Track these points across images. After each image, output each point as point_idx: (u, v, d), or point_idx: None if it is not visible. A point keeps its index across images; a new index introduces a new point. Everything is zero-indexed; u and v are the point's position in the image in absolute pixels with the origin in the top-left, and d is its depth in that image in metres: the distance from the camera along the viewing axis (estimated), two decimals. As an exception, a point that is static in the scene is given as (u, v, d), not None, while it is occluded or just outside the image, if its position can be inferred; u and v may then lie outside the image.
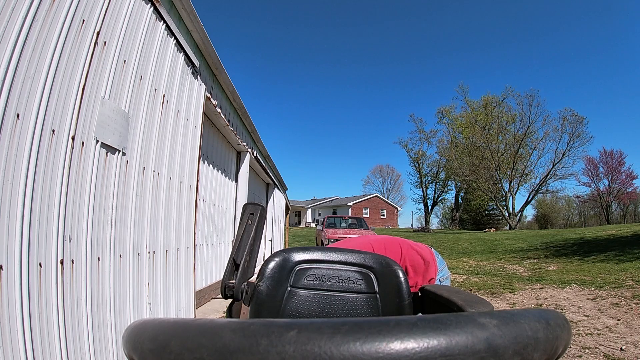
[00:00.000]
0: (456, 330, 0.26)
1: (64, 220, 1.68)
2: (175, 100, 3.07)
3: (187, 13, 3.12)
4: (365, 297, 0.95)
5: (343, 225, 13.50)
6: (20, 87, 1.46)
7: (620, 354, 2.76)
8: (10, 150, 1.40)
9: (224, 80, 4.43)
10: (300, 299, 0.95)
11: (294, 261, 0.98)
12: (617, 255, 7.37)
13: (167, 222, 2.91)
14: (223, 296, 0.85)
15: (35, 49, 1.54)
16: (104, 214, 2.02)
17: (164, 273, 2.82)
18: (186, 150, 3.33)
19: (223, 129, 5.15)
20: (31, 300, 1.45)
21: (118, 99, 2.17)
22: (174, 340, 0.28)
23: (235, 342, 0.25)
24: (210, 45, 3.65)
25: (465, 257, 9.68)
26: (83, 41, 1.83)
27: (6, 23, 1.39)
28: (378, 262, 0.99)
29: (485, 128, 29.97)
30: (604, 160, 31.97)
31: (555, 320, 0.32)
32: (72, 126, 1.75)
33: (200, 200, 4.35)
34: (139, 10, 2.42)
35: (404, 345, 0.24)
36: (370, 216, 41.39)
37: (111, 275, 2.04)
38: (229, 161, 5.94)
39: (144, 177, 2.51)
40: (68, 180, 1.71)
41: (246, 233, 0.89)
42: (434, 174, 41.52)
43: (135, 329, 0.34)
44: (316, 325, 0.26)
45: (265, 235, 9.17)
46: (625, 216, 35.47)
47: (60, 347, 1.57)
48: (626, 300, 4.30)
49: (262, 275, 0.94)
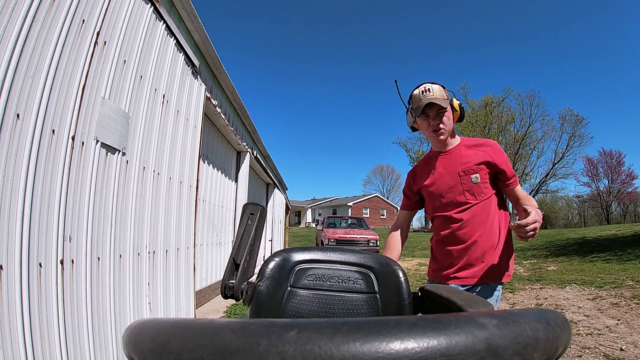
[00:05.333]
0: (456, 330, 0.26)
1: (64, 220, 1.68)
2: (175, 100, 3.07)
3: (187, 13, 3.12)
4: (365, 297, 0.95)
5: (343, 225, 13.49)
6: (20, 87, 1.46)
7: (620, 354, 2.76)
8: (10, 150, 1.40)
9: (224, 80, 4.43)
10: (300, 299, 0.95)
11: (294, 261, 0.98)
12: (617, 255, 7.37)
13: (167, 222, 2.91)
14: (223, 296, 0.85)
15: (35, 49, 1.54)
16: (104, 214, 2.02)
17: (164, 273, 2.82)
18: (186, 150, 3.33)
19: (223, 129, 5.15)
20: (31, 300, 1.45)
21: (118, 99, 2.17)
22: (174, 340, 0.28)
23: (235, 342, 0.25)
24: (210, 45, 3.65)
25: (465, 257, 9.66)
26: (83, 41, 1.83)
27: (6, 23, 1.39)
28: (378, 262, 0.99)
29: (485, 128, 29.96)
30: (604, 160, 31.97)
31: (555, 320, 0.32)
32: (72, 126, 1.75)
33: (200, 200, 4.35)
34: (139, 10, 2.42)
35: (404, 345, 0.24)
36: (370, 216, 41.39)
37: (111, 275, 2.04)
38: (229, 161, 5.94)
39: (144, 177, 2.51)
40: (68, 180, 1.71)
41: (246, 233, 0.89)
42: (434, 174, 41.37)
43: (135, 329, 0.34)
44: (316, 325, 0.26)
45: (265, 235, 9.17)
46: (625, 216, 35.48)
47: (60, 347, 1.57)
48: (626, 300, 4.30)
49: (262, 275, 0.94)
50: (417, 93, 1.42)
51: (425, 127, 1.44)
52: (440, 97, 1.38)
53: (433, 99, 1.35)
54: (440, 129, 1.40)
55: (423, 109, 1.37)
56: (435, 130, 1.41)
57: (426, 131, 1.45)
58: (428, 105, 1.37)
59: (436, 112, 1.38)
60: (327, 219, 13.90)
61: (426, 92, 1.38)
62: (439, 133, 1.41)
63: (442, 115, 1.39)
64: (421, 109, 1.37)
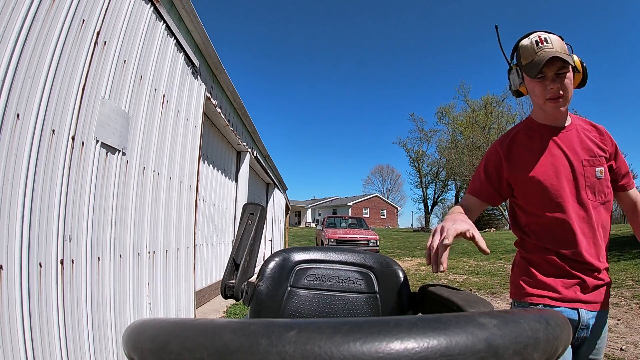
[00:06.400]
0: (456, 330, 0.26)
1: (64, 220, 1.68)
2: (175, 100, 3.07)
3: (187, 13, 3.12)
4: (366, 297, 0.95)
5: (343, 225, 13.50)
6: (20, 87, 1.46)
7: (620, 354, 2.76)
8: (10, 150, 1.40)
9: (224, 80, 4.43)
10: (301, 299, 0.95)
11: (294, 261, 0.98)
12: (617, 255, 7.37)
13: (167, 222, 2.91)
14: (223, 296, 0.85)
15: (35, 49, 1.54)
16: (104, 214, 2.02)
17: (164, 273, 2.82)
18: (186, 150, 3.33)
19: (223, 129, 5.15)
20: (31, 300, 1.45)
21: (118, 99, 2.17)
22: (174, 340, 0.28)
23: (236, 342, 0.25)
24: (210, 45, 3.65)
25: (465, 257, 9.68)
26: (83, 41, 1.83)
27: (6, 23, 1.39)
28: (378, 262, 0.99)
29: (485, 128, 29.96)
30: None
31: (555, 320, 0.32)
32: (72, 126, 1.75)
33: (200, 200, 4.35)
34: (139, 10, 2.42)
35: (404, 345, 0.24)
36: (370, 216, 41.40)
37: (111, 275, 2.04)
38: (229, 161, 5.94)
39: (144, 177, 2.52)
40: (68, 180, 1.71)
41: (246, 233, 0.89)
42: (434, 174, 41.48)
43: (135, 329, 0.34)
44: (316, 325, 0.26)
45: (265, 235, 9.17)
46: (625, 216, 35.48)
47: (60, 346, 1.57)
48: (626, 300, 4.30)
49: (262, 275, 0.94)
50: (528, 44, 1.06)
51: (539, 93, 1.06)
52: (562, 52, 1.02)
53: (555, 53, 0.99)
54: (559, 95, 1.03)
55: (541, 67, 1.00)
56: (553, 98, 1.04)
57: (539, 98, 1.07)
58: (550, 61, 1.00)
59: (556, 72, 1.02)
60: (327, 219, 13.91)
61: (542, 42, 1.03)
62: (557, 102, 1.04)
63: (564, 77, 1.02)
64: (539, 66, 1.00)
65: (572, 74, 1.04)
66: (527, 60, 1.05)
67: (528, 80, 1.08)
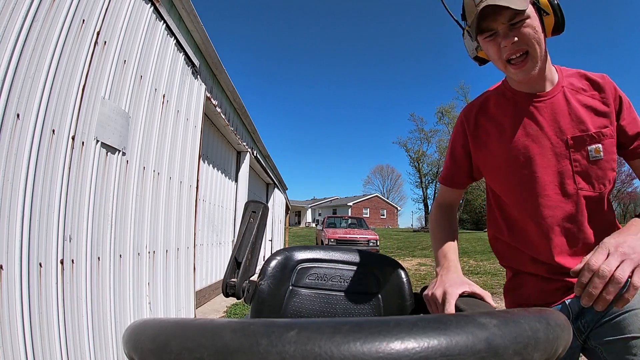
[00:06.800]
0: (456, 330, 0.26)
1: (64, 220, 1.68)
2: (175, 100, 3.07)
3: (187, 13, 3.12)
4: (367, 297, 0.95)
5: (343, 225, 13.51)
6: (20, 87, 1.46)
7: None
8: (10, 150, 1.40)
9: (224, 80, 4.43)
10: (302, 298, 0.95)
11: (295, 260, 0.98)
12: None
13: (167, 222, 2.92)
14: (224, 294, 0.85)
15: (35, 49, 1.54)
16: (104, 214, 2.02)
17: (164, 273, 2.83)
18: (186, 150, 3.33)
19: (223, 129, 5.15)
20: (31, 300, 1.45)
21: (118, 99, 2.17)
22: (174, 340, 0.28)
23: (236, 342, 0.25)
24: (210, 45, 3.65)
25: (465, 257, 9.68)
26: (83, 41, 1.83)
27: (6, 23, 1.39)
28: (381, 262, 0.99)
29: (485, 128, 29.88)
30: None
31: (556, 320, 0.32)
32: (72, 126, 1.75)
33: (200, 200, 4.35)
34: (139, 10, 2.42)
35: (404, 345, 0.24)
36: (370, 216, 41.42)
37: (111, 275, 2.04)
38: (229, 161, 5.94)
39: (144, 177, 2.52)
40: (68, 180, 1.71)
41: (248, 231, 0.88)
42: (434, 174, 41.46)
43: (135, 329, 0.34)
44: (316, 325, 0.26)
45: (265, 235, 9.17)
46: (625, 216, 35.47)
47: (60, 346, 1.57)
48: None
49: (264, 273, 0.94)
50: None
51: (495, 55, 0.82)
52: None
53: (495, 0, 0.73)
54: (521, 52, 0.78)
55: (478, 21, 0.77)
56: (514, 60, 0.79)
57: (498, 62, 0.83)
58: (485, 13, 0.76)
59: (508, 24, 0.77)
60: (327, 219, 13.91)
61: None
62: (522, 65, 0.79)
63: (520, 26, 0.76)
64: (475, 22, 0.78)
65: (536, 21, 0.78)
66: (471, 18, 0.81)
67: (481, 42, 0.84)
